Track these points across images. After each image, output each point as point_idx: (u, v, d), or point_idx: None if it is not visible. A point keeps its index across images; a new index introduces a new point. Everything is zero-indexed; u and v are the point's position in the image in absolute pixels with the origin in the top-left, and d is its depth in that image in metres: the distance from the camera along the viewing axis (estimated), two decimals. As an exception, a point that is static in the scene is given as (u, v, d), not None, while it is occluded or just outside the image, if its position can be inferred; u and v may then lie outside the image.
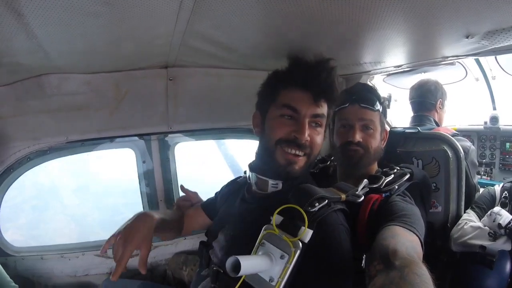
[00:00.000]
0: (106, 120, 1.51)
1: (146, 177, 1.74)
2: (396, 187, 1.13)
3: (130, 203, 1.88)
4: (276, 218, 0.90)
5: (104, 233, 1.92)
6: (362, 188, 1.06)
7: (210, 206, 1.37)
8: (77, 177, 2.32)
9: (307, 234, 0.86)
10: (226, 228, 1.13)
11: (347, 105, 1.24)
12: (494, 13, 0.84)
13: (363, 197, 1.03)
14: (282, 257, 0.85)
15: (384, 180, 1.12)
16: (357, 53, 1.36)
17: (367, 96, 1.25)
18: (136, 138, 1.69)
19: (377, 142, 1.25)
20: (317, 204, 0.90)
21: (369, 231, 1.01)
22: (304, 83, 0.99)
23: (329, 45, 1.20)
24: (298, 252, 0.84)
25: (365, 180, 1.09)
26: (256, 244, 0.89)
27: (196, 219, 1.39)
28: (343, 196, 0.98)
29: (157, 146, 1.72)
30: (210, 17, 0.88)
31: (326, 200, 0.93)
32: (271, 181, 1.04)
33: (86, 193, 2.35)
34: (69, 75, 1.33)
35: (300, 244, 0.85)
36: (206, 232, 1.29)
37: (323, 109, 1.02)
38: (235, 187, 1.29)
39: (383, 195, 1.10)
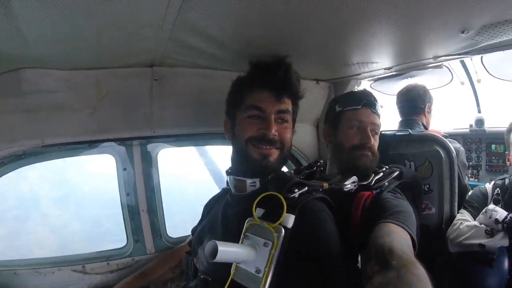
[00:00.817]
0: (85, 122, 1.40)
1: (127, 185, 1.61)
2: (386, 183, 1.15)
3: (111, 214, 1.75)
4: (258, 212, 0.91)
5: (82, 247, 1.79)
6: (352, 183, 1.09)
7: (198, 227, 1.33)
8: (54, 186, 2.17)
9: (288, 218, 0.86)
10: (211, 233, 1.11)
11: (359, 106, 1.26)
12: (491, 5, 0.83)
13: (349, 186, 1.08)
14: (265, 244, 0.84)
15: (374, 177, 1.15)
16: (346, 52, 1.33)
17: (374, 102, 1.29)
18: (117, 143, 1.57)
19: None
20: (296, 190, 0.92)
21: (363, 229, 1.01)
22: (265, 83, 1.04)
23: (319, 41, 1.17)
24: (282, 237, 0.84)
25: (354, 176, 1.11)
26: (241, 237, 0.89)
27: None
28: (325, 185, 1.01)
29: (139, 152, 1.60)
30: (203, 4, 0.82)
31: (306, 187, 0.95)
32: (248, 180, 1.05)
33: (64, 203, 2.20)
34: (48, 70, 1.22)
35: (283, 229, 0.84)
36: (190, 242, 1.25)
37: (287, 105, 1.07)
38: (220, 195, 1.28)
39: (374, 192, 1.11)
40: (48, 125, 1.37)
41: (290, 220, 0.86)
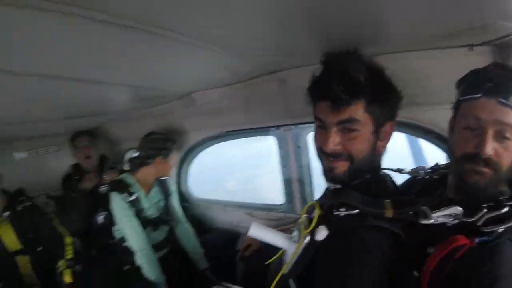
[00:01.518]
0: (244, 117, 1.98)
1: (283, 160, 2.08)
2: (502, 230, 0.77)
3: (276, 182, 2.24)
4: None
5: (252, 198, 2.49)
6: (448, 215, 0.81)
7: None
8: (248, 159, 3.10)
9: (319, 231, 0.85)
10: None
11: (478, 95, 0.80)
12: None
13: (441, 219, 0.81)
14: (295, 242, 0.90)
15: (484, 214, 0.79)
16: None
17: (509, 86, 0.77)
18: (274, 128, 2.04)
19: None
20: (342, 209, 0.86)
21: None
22: (320, 94, 0.96)
23: None
24: (304, 245, 0.87)
25: (457, 207, 0.81)
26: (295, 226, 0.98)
27: None
28: (389, 212, 0.83)
29: (289, 135, 2.00)
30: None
31: (357, 210, 0.85)
32: (331, 186, 1.05)
33: (251, 169, 3.08)
34: (208, 90, 1.88)
35: (308, 238, 0.87)
36: None
37: (352, 112, 0.90)
38: None
39: (477, 239, 0.78)
40: (223, 120, 2.07)
41: (320, 233, 0.84)
